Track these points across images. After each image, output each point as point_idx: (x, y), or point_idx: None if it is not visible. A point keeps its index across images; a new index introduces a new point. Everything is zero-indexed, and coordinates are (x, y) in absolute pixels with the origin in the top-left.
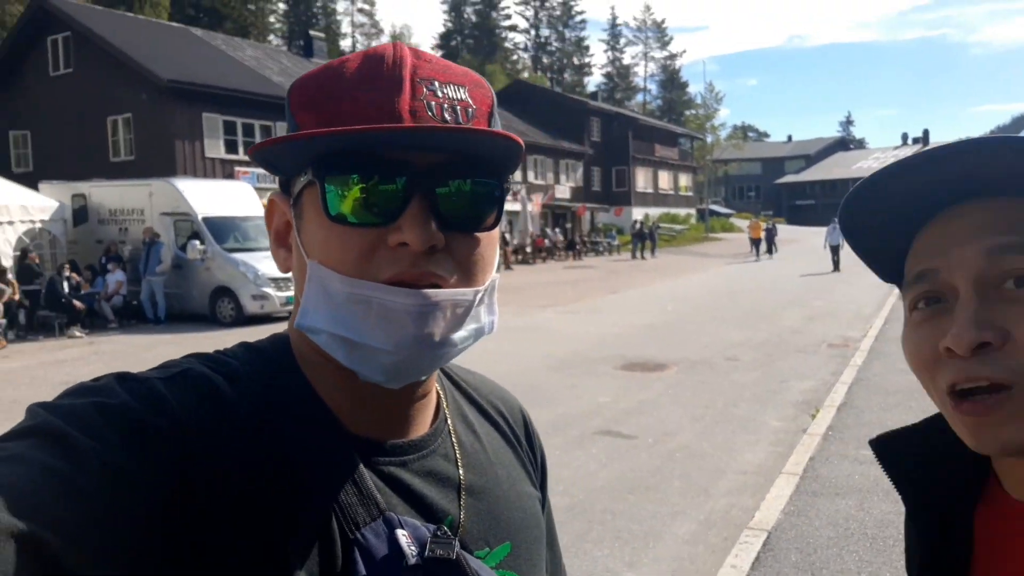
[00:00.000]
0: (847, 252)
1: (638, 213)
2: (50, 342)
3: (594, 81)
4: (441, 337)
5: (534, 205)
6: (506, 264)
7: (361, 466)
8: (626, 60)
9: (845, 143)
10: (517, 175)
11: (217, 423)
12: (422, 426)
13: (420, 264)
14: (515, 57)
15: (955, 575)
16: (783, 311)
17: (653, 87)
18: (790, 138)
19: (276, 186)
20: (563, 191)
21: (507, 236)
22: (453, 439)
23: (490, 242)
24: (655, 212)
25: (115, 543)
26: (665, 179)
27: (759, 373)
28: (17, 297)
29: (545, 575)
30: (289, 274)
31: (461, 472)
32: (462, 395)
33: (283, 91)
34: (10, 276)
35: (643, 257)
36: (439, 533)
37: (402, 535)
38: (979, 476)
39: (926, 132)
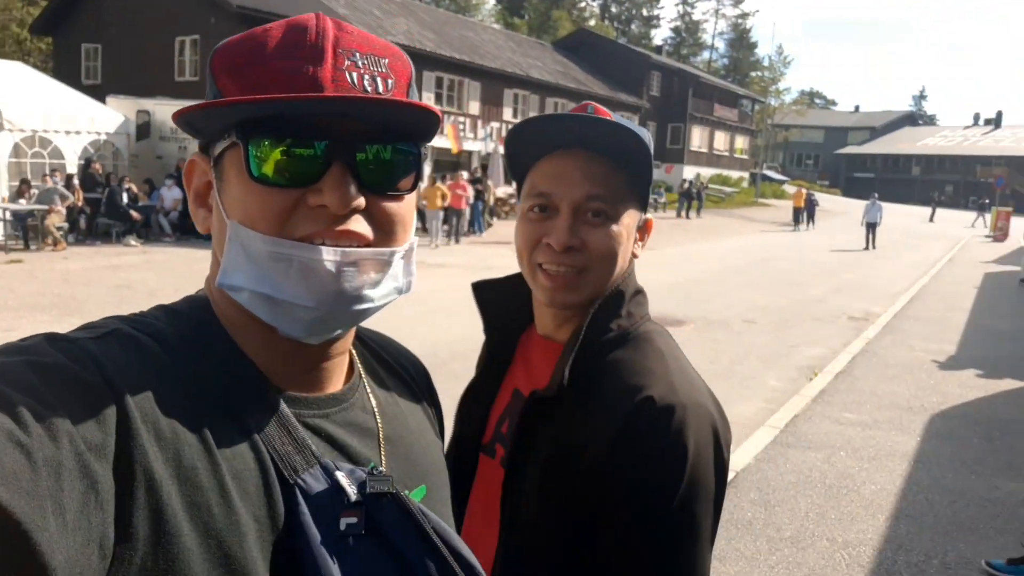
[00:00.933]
0: (886, 232)
1: (689, 172)
2: (107, 248)
3: (661, 34)
4: (360, 293)
5: None
6: None
7: (292, 417)
8: (696, 15)
9: (914, 118)
10: None
11: (149, 380)
12: (340, 381)
13: (338, 223)
14: (583, 4)
15: (501, 371)
16: (812, 280)
17: (721, 45)
18: (857, 108)
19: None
20: None
21: None
22: (369, 392)
23: (408, 205)
24: (707, 172)
25: (57, 498)
26: (721, 140)
27: (771, 336)
28: (80, 203)
29: (452, 516)
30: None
31: (379, 422)
32: (372, 354)
33: (331, 11)
34: (75, 182)
35: (688, 216)
36: (375, 472)
37: (341, 476)
38: (525, 317)
39: (999, 113)
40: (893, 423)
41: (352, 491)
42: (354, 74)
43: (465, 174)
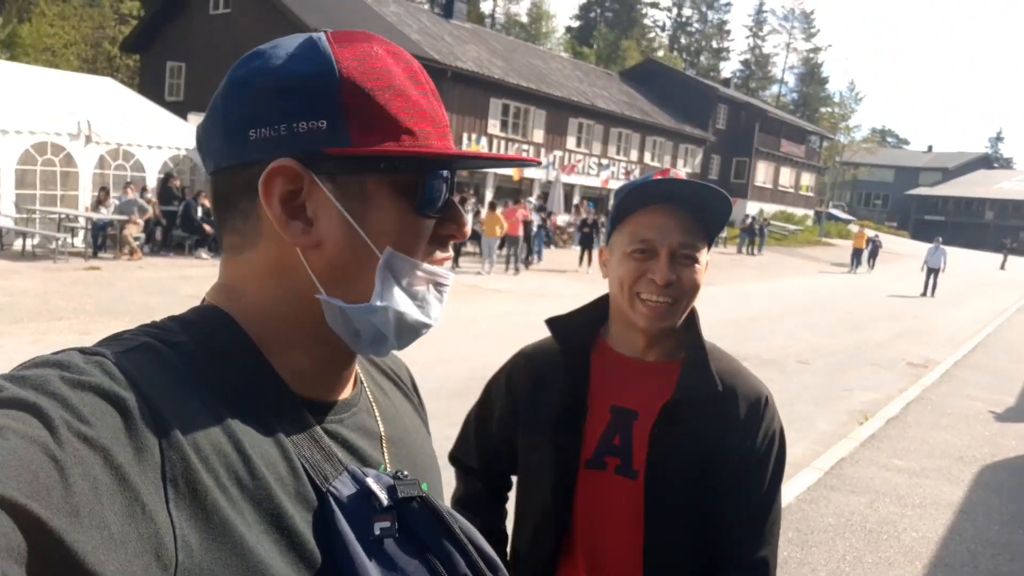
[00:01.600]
0: (953, 278)
1: (753, 208)
2: (179, 260)
3: (730, 67)
4: (443, 308)
5: None
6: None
7: (316, 425)
8: (767, 48)
9: (989, 160)
10: (633, 155)
11: (181, 393)
12: (350, 386)
13: (448, 250)
14: (652, 35)
15: (581, 392)
16: (872, 323)
17: (791, 79)
18: (930, 148)
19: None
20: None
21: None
22: (369, 396)
23: None
24: (771, 208)
25: (97, 512)
26: (787, 176)
27: (825, 379)
28: (157, 215)
29: None
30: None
31: (381, 424)
32: (364, 358)
33: (420, 49)
34: (150, 195)
35: (750, 253)
36: (401, 475)
37: (371, 481)
38: (594, 336)
39: None
40: (942, 472)
41: (383, 496)
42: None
43: (533, 199)
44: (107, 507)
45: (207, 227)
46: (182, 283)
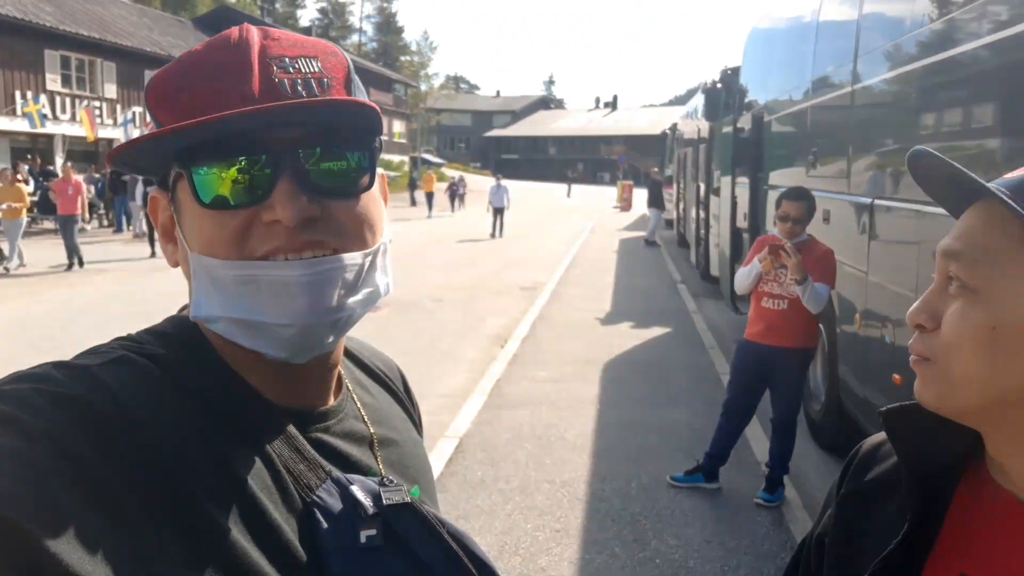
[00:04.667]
0: (534, 212)
1: None
2: None
3: (308, 15)
4: (336, 303)
5: None
6: None
7: (299, 435)
8: None
9: (547, 102)
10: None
11: (160, 406)
12: (332, 392)
13: (296, 235)
14: None
15: (924, 542)
16: (483, 257)
17: (369, 28)
18: (498, 93)
19: None
20: None
21: None
22: (356, 401)
23: (371, 203)
24: None
25: (83, 527)
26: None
27: (460, 313)
28: None
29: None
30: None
31: (371, 429)
32: (351, 360)
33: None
34: None
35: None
36: (386, 482)
37: (356, 489)
38: (965, 455)
39: (615, 97)
40: (577, 375)
41: (368, 504)
42: (285, 81)
43: None
44: (90, 518)
45: None
46: None
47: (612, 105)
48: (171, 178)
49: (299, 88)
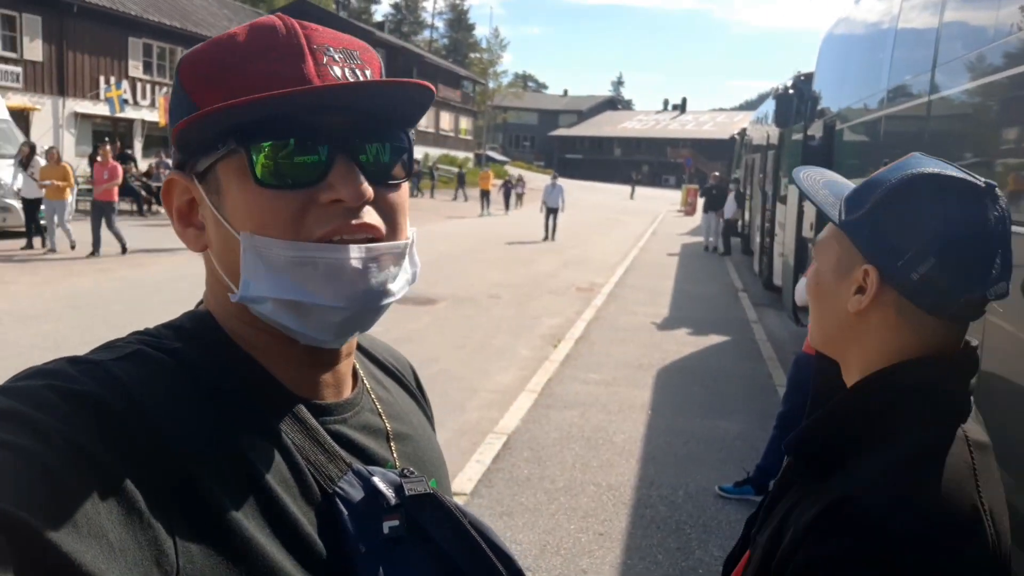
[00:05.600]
0: (595, 210)
1: (419, 152)
2: None
3: (382, 11)
4: (384, 288)
5: None
6: None
7: (319, 427)
8: None
9: (614, 103)
10: None
11: (176, 401)
12: (349, 385)
13: (353, 217)
14: None
15: None
16: (541, 256)
17: (441, 25)
18: (566, 92)
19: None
20: None
21: None
22: (371, 394)
23: (405, 194)
24: (435, 152)
25: (95, 522)
26: (447, 120)
27: (515, 310)
28: None
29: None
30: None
31: (386, 422)
32: (364, 355)
33: None
34: None
35: (419, 195)
36: (407, 473)
37: (378, 480)
38: None
39: (684, 100)
40: (629, 379)
41: (391, 495)
42: (335, 68)
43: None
44: (104, 516)
45: None
46: None
47: (680, 108)
48: (211, 158)
49: (348, 76)
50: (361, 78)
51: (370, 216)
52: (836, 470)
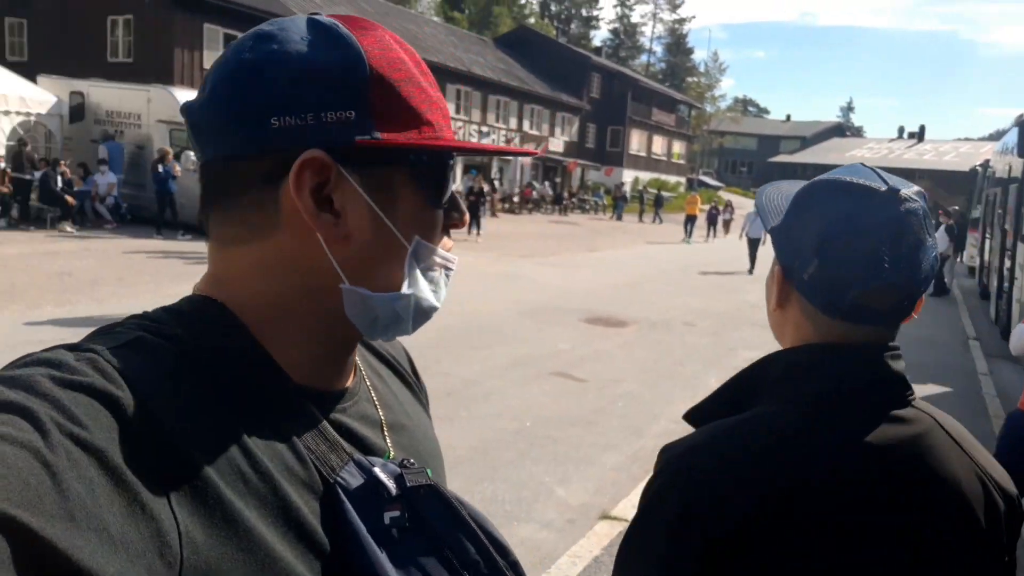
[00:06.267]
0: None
1: (628, 175)
2: (41, 234)
3: (600, 36)
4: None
5: None
6: (492, 212)
7: (321, 416)
8: (634, 18)
9: (842, 129)
10: (512, 123)
11: (177, 389)
12: (350, 374)
13: (448, 237)
14: (523, 1)
15: None
16: (748, 286)
17: (658, 49)
18: (789, 117)
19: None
20: (556, 144)
21: (496, 183)
22: (368, 384)
23: None
24: (646, 176)
25: (95, 515)
26: (659, 144)
27: (711, 339)
28: (6, 190)
29: None
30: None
31: (380, 412)
32: (362, 345)
33: (286, 10)
34: (3, 164)
35: (619, 219)
36: (407, 464)
37: (378, 471)
38: None
39: (922, 128)
40: None
41: (392, 485)
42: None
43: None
44: (105, 509)
45: (69, 198)
46: (47, 259)
47: (918, 136)
48: (393, 163)
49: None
50: None
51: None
52: None
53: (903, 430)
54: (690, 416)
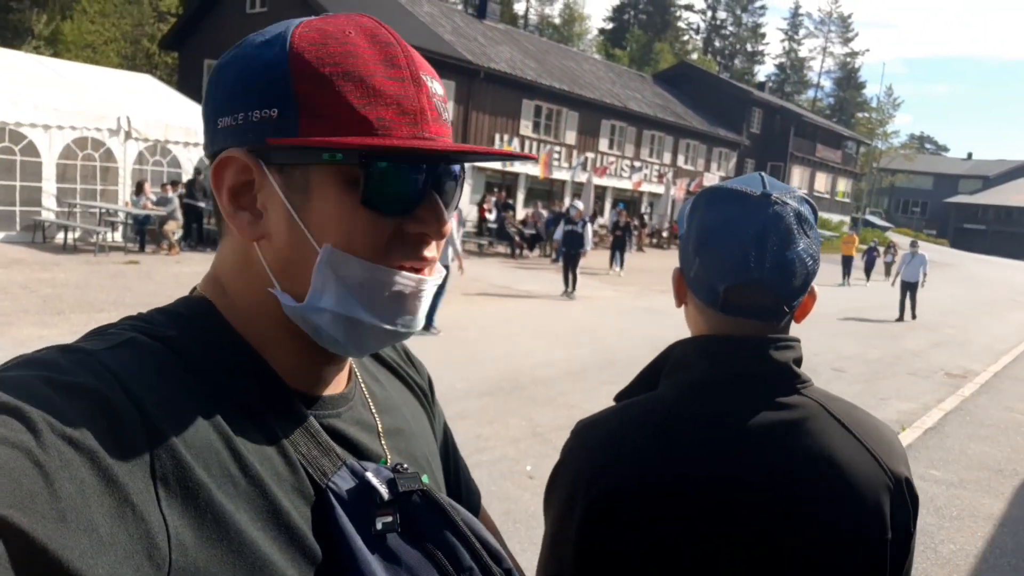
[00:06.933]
0: (992, 286)
1: None
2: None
3: (765, 71)
4: (422, 317)
5: (678, 190)
6: (639, 246)
7: (314, 421)
8: (802, 52)
9: None
10: (666, 158)
11: (169, 390)
12: (345, 380)
13: (430, 251)
14: (686, 37)
15: None
16: (908, 332)
17: (828, 83)
18: (970, 156)
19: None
20: (712, 179)
21: (645, 218)
22: (364, 389)
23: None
24: None
25: (85, 516)
26: (822, 181)
27: (861, 387)
28: (178, 224)
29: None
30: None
31: (377, 417)
32: None
33: (453, 50)
34: (180, 191)
35: None
36: (400, 469)
37: (371, 476)
38: None
39: None
40: (980, 484)
41: (384, 490)
42: (435, 101)
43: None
44: (95, 510)
45: None
46: None
47: None
48: (310, 160)
49: (441, 111)
50: (444, 113)
51: (433, 250)
52: None
53: (782, 415)
54: (617, 396)
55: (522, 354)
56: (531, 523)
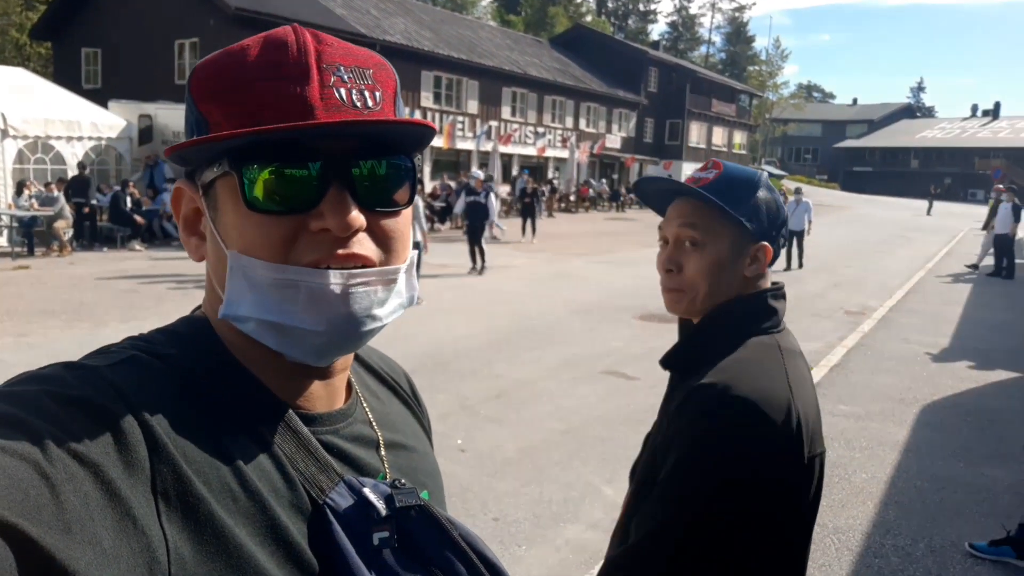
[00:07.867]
0: (884, 226)
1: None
2: (112, 253)
3: (658, 29)
4: (369, 314)
5: (581, 153)
6: (548, 211)
7: (311, 437)
8: (693, 9)
9: (912, 111)
10: (568, 122)
11: (170, 407)
12: (342, 395)
13: (342, 247)
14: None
15: None
16: (808, 276)
17: (718, 39)
18: (855, 101)
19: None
20: (614, 141)
21: (554, 183)
22: (364, 405)
23: (406, 219)
24: None
25: (89, 528)
26: (719, 135)
27: None
28: (68, 223)
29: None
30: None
31: (378, 432)
32: (361, 365)
33: (346, 24)
34: (59, 196)
35: None
36: (398, 484)
37: (368, 491)
38: None
39: (997, 105)
40: (885, 414)
41: (381, 506)
42: (342, 90)
43: (478, 172)
44: (99, 523)
45: (138, 218)
46: (118, 278)
47: (992, 113)
48: (211, 175)
49: (354, 97)
50: (369, 98)
51: (360, 246)
52: (693, 373)
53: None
54: (668, 362)
55: (443, 329)
56: (466, 496)
